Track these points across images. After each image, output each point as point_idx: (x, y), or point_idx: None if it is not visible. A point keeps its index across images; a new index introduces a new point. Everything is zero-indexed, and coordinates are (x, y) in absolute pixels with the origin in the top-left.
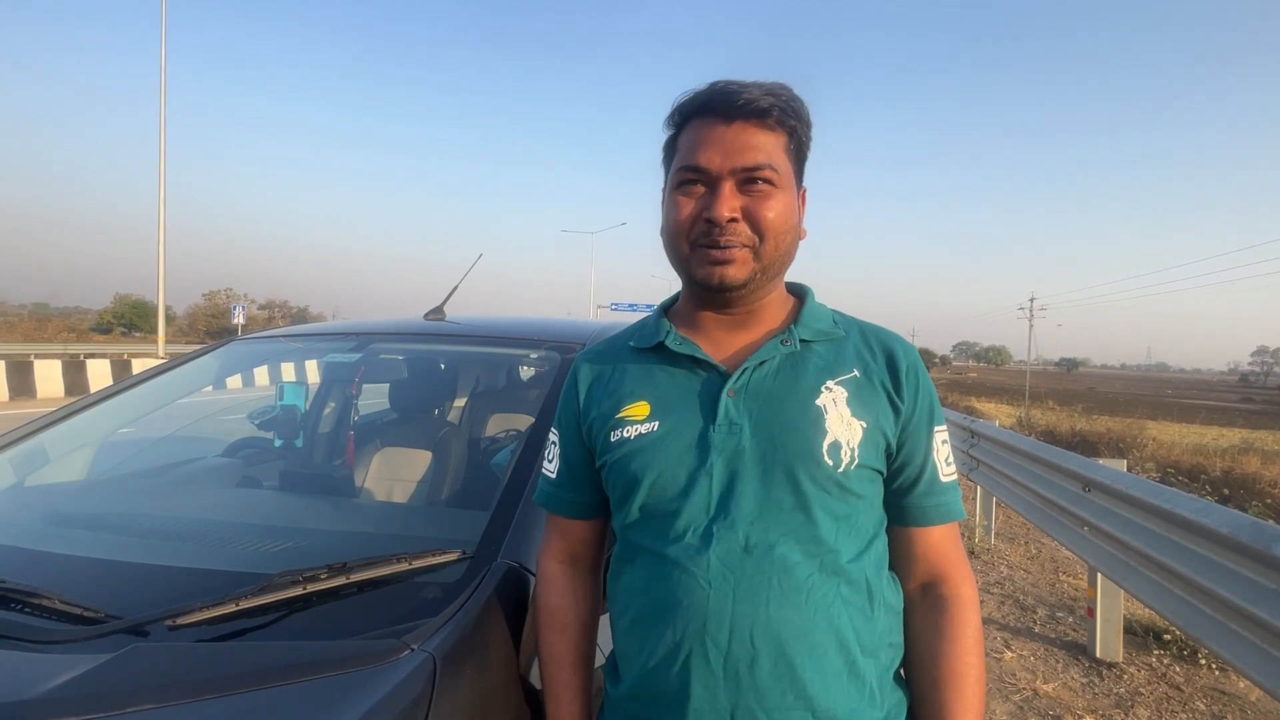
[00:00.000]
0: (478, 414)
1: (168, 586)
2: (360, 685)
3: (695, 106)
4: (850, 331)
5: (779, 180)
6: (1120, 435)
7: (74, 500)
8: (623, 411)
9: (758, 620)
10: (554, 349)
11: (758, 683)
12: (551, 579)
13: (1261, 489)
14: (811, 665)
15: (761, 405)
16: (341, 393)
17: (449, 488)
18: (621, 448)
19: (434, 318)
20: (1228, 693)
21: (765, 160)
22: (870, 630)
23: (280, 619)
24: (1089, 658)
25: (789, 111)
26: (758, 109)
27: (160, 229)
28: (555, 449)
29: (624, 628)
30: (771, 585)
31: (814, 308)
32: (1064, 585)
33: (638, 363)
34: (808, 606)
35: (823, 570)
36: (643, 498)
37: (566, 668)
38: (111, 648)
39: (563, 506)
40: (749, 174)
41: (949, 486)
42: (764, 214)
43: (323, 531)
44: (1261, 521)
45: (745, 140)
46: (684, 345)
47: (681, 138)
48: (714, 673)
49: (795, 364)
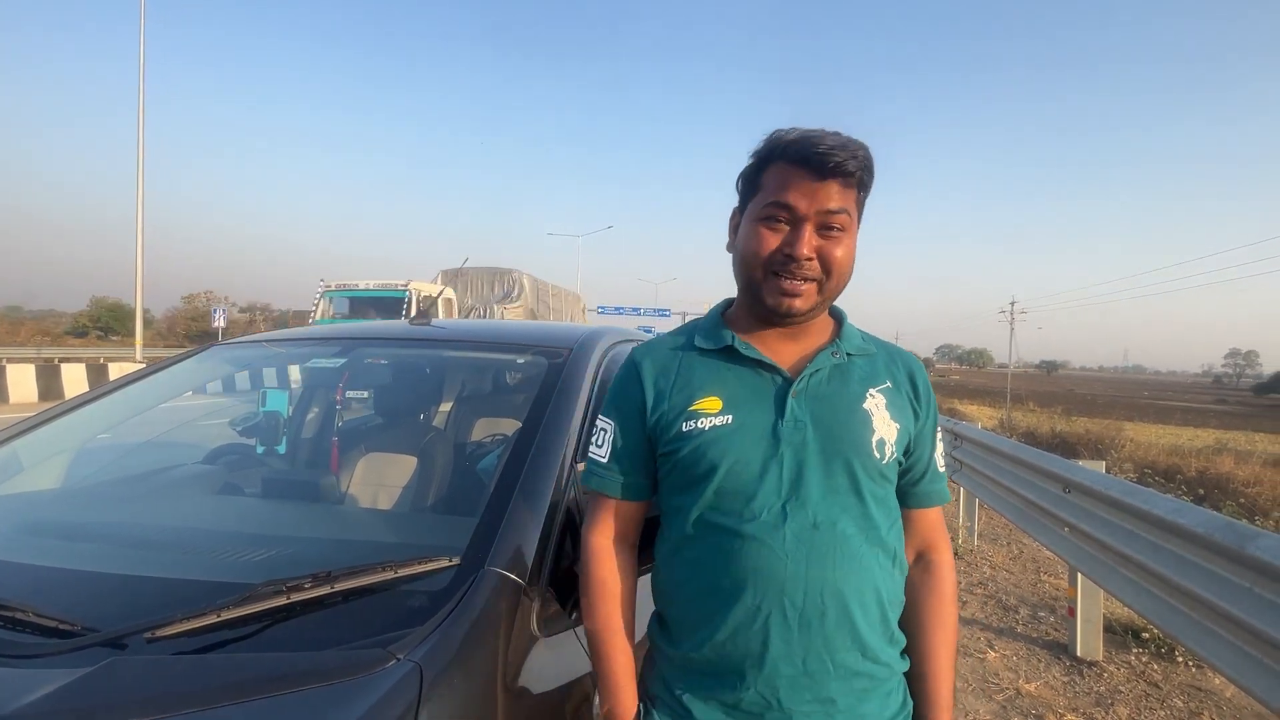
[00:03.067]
0: (464, 419)
1: (147, 597)
2: (346, 696)
3: (790, 156)
4: (879, 350)
5: (849, 225)
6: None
7: (49, 509)
8: (695, 404)
9: (826, 582)
10: (540, 353)
11: (826, 632)
12: (602, 554)
13: (1235, 489)
14: (863, 616)
15: (819, 406)
16: (325, 398)
17: (435, 494)
18: (696, 437)
19: (420, 322)
20: (1204, 689)
21: (842, 208)
22: (894, 588)
23: (263, 629)
24: (1070, 657)
25: (867, 171)
26: (845, 171)
27: (138, 230)
28: (607, 435)
29: (689, 595)
30: (835, 554)
31: (850, 328)
32: (1045, 585)
33: (705, 361)
34: (860, 570)
35: (869, 541)
36: (719, 481)
37: (619, 633)
38: (88, 661)
39: (615, 488)
40: (828, 218)
41: (942, 476)
42: (835, 254)
43: (307, 539)
44: (1236, 521)
45: (830, 193)
46: (751, 350)
47: (769, 175)
48: (790, 627)
49: (843, 373)
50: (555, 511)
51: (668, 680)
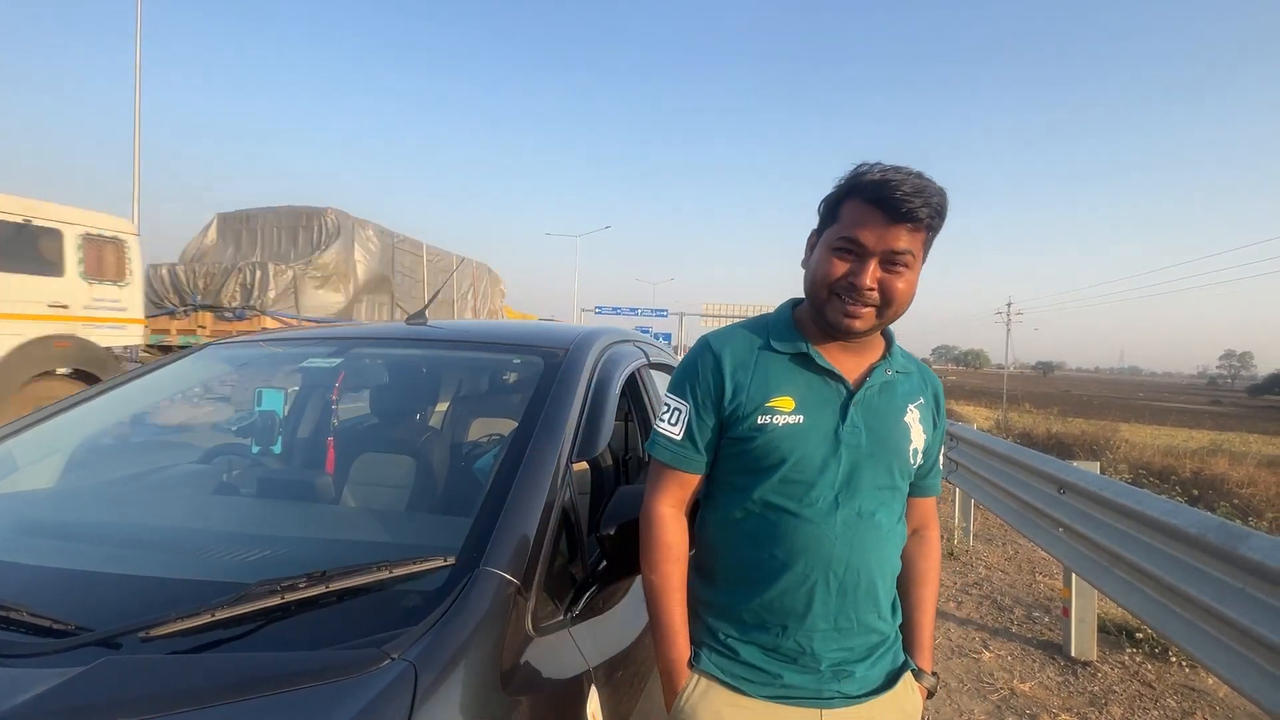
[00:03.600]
0: (460, 419)
1: (141, 597)
2: (340, 696)
3: (868, 195)
4: (916, 370)
5: (913, 263)
6: (1094, 437)
7: (44, 508)
8: (772, 400)
9: (863, 561)
10: (536, 353)
11: (857, 599)
12: (667, 520)
13: (1229, 489)
14: (883, 586)
15: (872, 415)
16: (322, 398)
17: (431, 494)
18: (770, 430)
19: (416, 322)
20: (1197, 689)
21: (908, 249)
22: (898, 560)
23: (258, 629)
24: (1064, 657)
25: (940, 217)
26: (916, 218)
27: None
28: (681, 415)
29: (744, 559)
30: (871, 537)
31: (897, 349)
32: (1040, 586)
33: (781, 363)
34: (885, 550)
35: (894, 531)
36: (785, 471)
37: (679, 589)
38: (82, 661)
39: (684, 462)
40: (894, 256)
41: (940, 472)
42: (896, 287)
43: (302, 539)
44: (1228, 522)
45: (898, 235)
46: (824, 361)
47: (847, 208)
48: (830, 593)
49: (891, 388)
50: (551, 511)
51: (712, 627)
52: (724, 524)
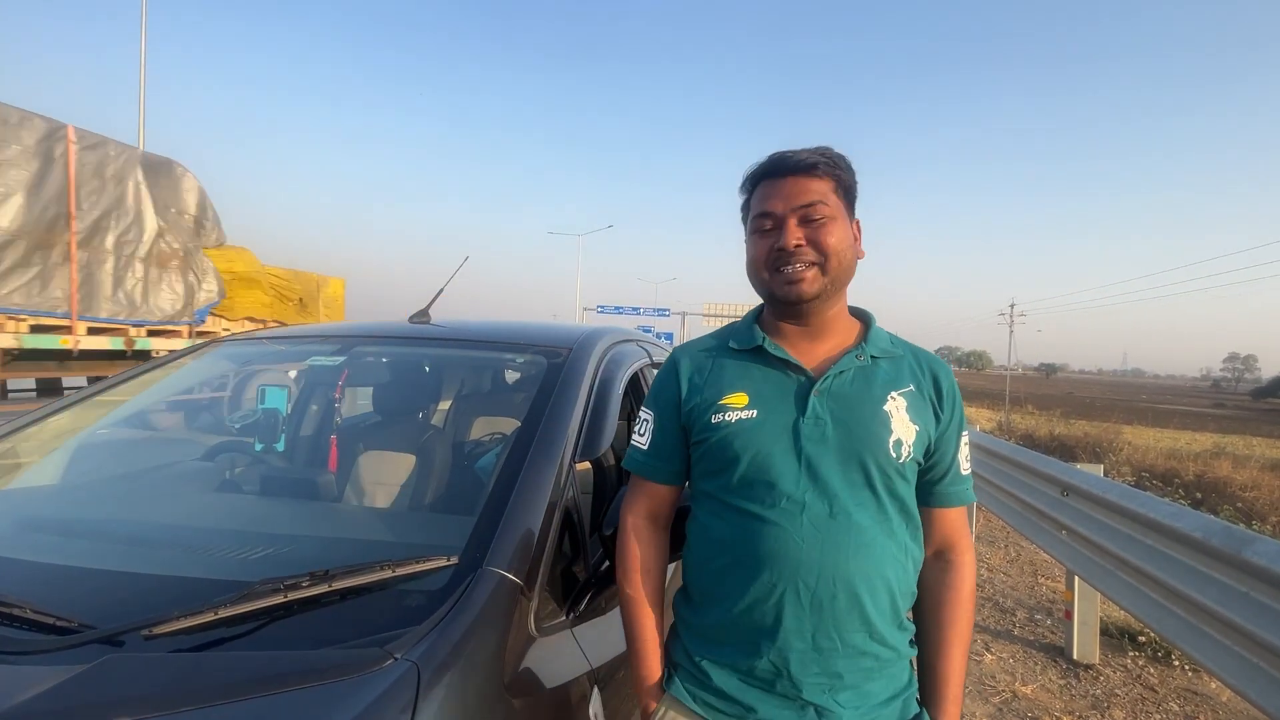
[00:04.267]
0: (462, 417)
1: (144, 595)
2: (342, 695)
3: (760, 173)
4: (905, 352)
5: (831, 212)
6: (1097, 440)
7: (47, 505)
8: (724, 399)
9: (838, 568)
10: (540, 352)
11: (836, 613)
12: (638, 531)
13: (1232, 493)
14: (871, 601)
15: (841, 405)
16: (325, 396)
17: (433, 492)
18: (723, 429)
19: (419, 320)
20: (1200, 693)
21: (817, 198)
22: (906, 580)
23: (261, 628)
24: (1066, 660)
25: (831, 162)
26: (805, 164)
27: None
28: (649, 425)
29: (714, 570)
30: (849, 542)
31: (878, 331)
32: (1042, 588)
33: (736, 360)
34: (871, 559)
35: (882, 534)
36: (743, 470)
37: (647, 604)
38: (85, 659)
39: (653, 473)
40: (806, 210)
41: (966, 478)
42: (824, 239)
43: (304, 537)
44: (1233, 526)
45: (799, 188)
46: (779, 351)
47: (754, 196)
48: (802, 605)
49: (866, 375)
50: (554, 511)
51: (689, 649)
52: (697, 533)
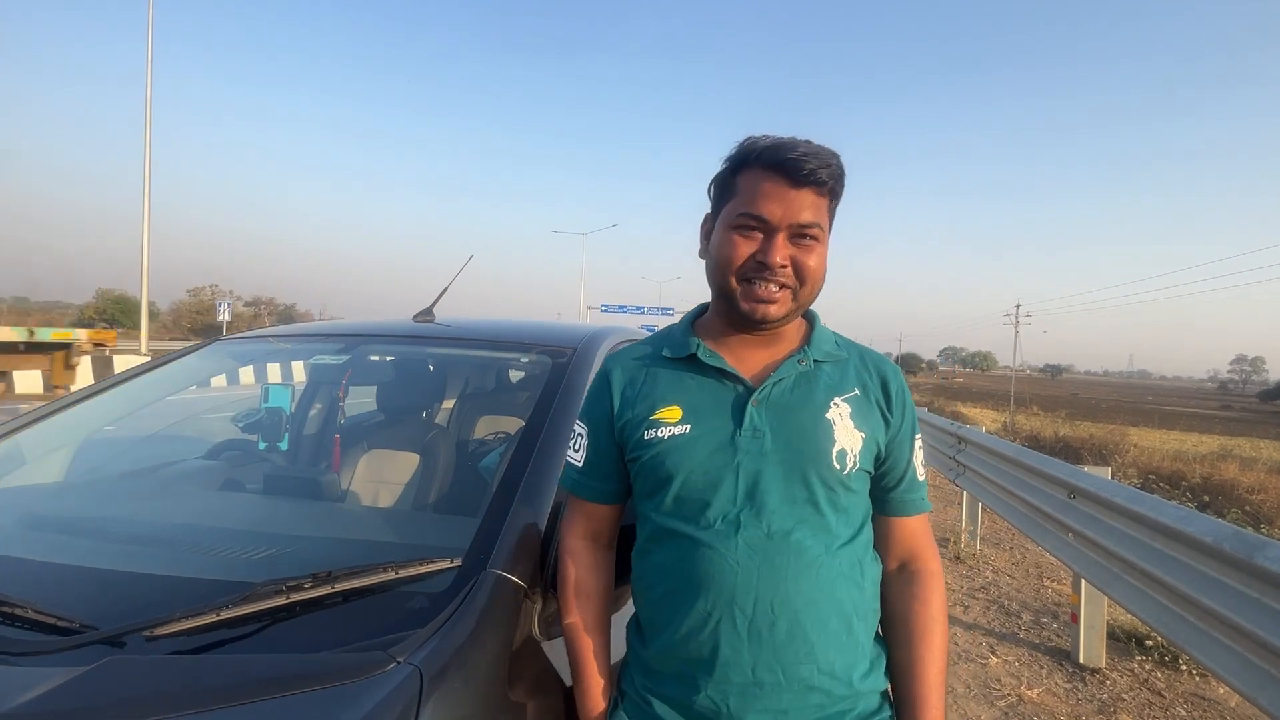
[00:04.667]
0: (466, 417)
1: (146, 595)
2: (344, 700)
3: (765, 162)
4: (851, 354)
5: (822, 236)
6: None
7: (50, 503)
8: (657, 413)
9: (777, 593)
10: (544, 352)
11: (776, 643)
12: (577, 553)
13: (1239, 495)
14: (818, 628)
15: (780, 416)
16: (328, 395)
17: (437, 492)
18: (656, 445)
19: (423, 319)
20: (1208, 698)
21: (816, 220)
22: (861, 599)
23: (263, 629)
24: (1072, 663)
25: (840, 181)
26: (819, 180)
27: (145, 223)
28: (583, 441)
29: (655, 598)
30: (789, 564)
31: (821, 332)
32: (1048, 591)
33: (670, 370)
34: (816, 581)
35: (827, 552)
36: (676, 489)
37: (590, 631)
38: (86, 660)
39: (588, 492)
40: (802, 230)
41: (922, 484)
42: (808, 263)
43: (307, 538)
44: (1244, 530)
45: (803, 202)
46: (714, 359)
47: (743, 181)
48: (739, 635)
49: (808, 381)
50: (558, 513)
51: (635, 679)
52: (639, 559)
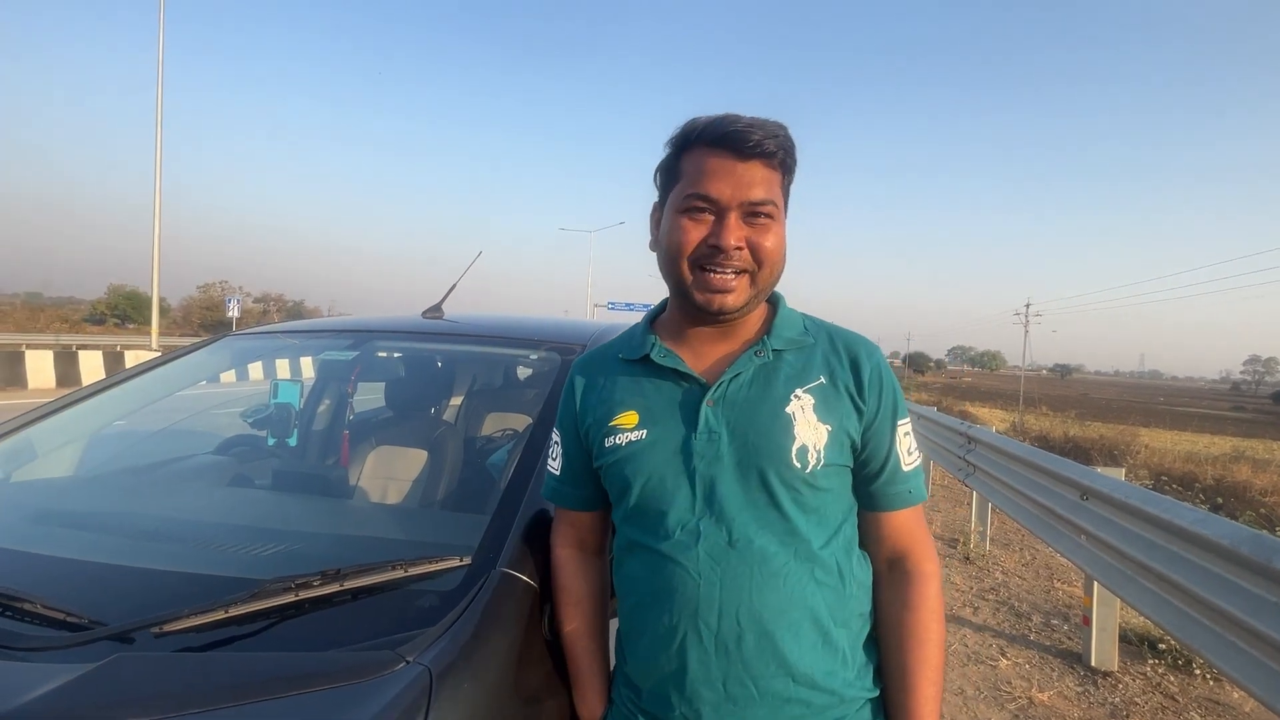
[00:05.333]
0: (474, 413)
1: (155, 591)
2: (352, 700)
3: (708, 138)
4: (819, 338)
5: (777, 214)
6: (1113, 442)
7: (60, 498)
8: (614, 420)
9: (742, 604)
10: (553, 349)
11: (744, 656)
12: (564, 562)
13: (1252, 497)
14: (789, 638)
15: (737, 414)
16: (337, 391)
17: (445, 490)
18: (615, 454)
19: (432, 316)
20: (1222, 703)
21: (769, 197)
22: (842, 604)
23: (271, 627)
24: (1084, 666)
25: (790, 153)
26: (767, 151)
27: (156, 219)
28: (558, 449)
29: (626, 611)
30: (753, 573)
31: (786, 316)
32: (1058, 592)
33: (627, 373)
34: (784, 589)
35: (797, 557)
36: (635, 499)
37: (584, 637)
38: (95, 656)
39: (568, 500)
40: (754, 208)
41: (911, 474)
42: (764, 244)
43: (316, 535)
44: (1261, 533)
45: (753, 177)
46: (668, 358)
47: (687, 163)
48: (706, 650)
49: (768, 374)
50: None
51: (621, 690)
52: (614, 568)
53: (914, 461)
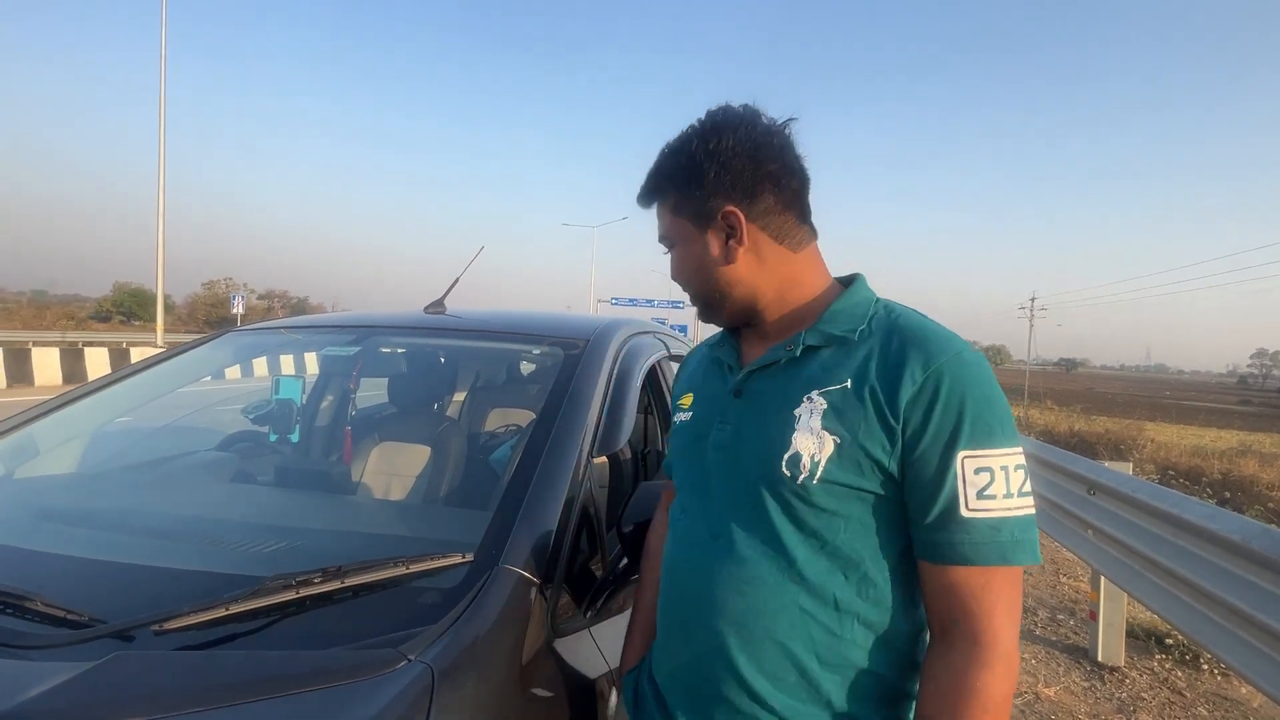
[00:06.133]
0: (478, 409)
1: (155, 588)
2: (353, 699)
3: None
4: (875, 335)
5: (679, 239)
6: (1119, 436)
7: (61, 495)
8: (681, 399)
9: (706, 595)
10: (556, 344)
11: (697, 648)
12: (656, 524)
13: (1259, 491)
14: (745, 652)
15: (752, 409)
16: (339, 386)
17: (448, 485)
18: (673, 430)
19: (434, 311)
20: (1230, 698)
21: (665, 232)
22: (834, 647)
23: (271, 624)
24: (1090, 661)
25: (663, 179)
26: (644, 198)
27: (159, 216)
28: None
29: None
30: (722, 571)
31: (843, 308)
32: (1064, 587)
33: (705, 359)
34: (751, 600)
35: (779, 573)
36: (674, 475)
37: (646, 589)
38: (94, 654)
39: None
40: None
41: (976, 524)
42: (674, 274)
43: (318, 531)
44: (1271, 528)
45: (660, 221)
46: (718, 348)
47: None
48: (673, 629)
49: (794, 370)
50: (571, 507)
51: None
52: None
53: (989, 510)
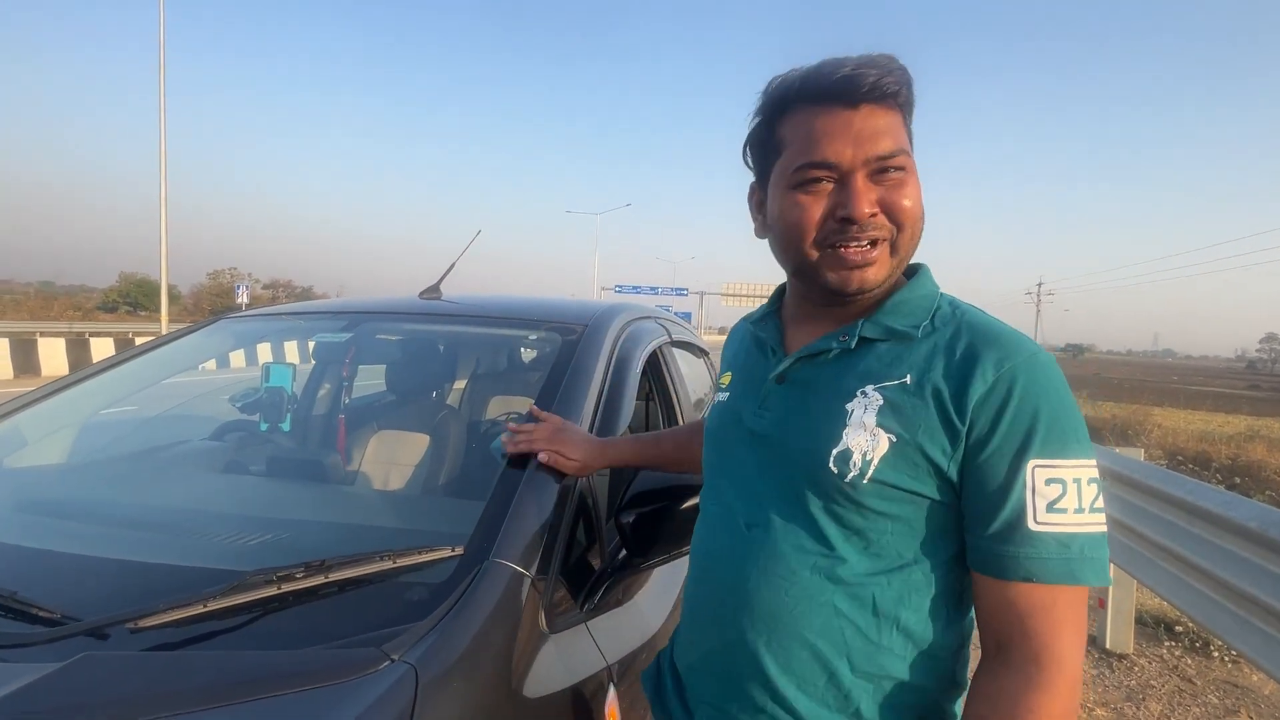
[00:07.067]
0: (473, 397)
1: (134, 584)
2: (332, 701)
3: (810, 94)
4: (943, 330)
5: (910, 165)
6: (1126, 421)
7: (43, 487)
8: (722, 377)
9: (736, 586)
10: (554, 329)
11: (726, 636)
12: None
13: (1268, 476)
14: (772, 650)
15: (797, 398)
16: (333, 374)
17: (444, 475)
18: (712, 408)
19: (429, 296)
20: (1240, 686)
21: (898, 146)
22: (870, 654)
23: (251, 621)
24: (1099, 649)
25: (910, 89)
26: (886, 92)
27: (162, 206)
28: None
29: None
30: (756, 563)
31: (906, 299)
32: None
33: (747, 336)
34: (783, 596)
35: (815, 571)
36: (706, 455)
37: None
38: (65, 654)
39: None
40: (883, 163)
41: (1043, 538)
42: (902, 204)
43: (303, 523)
44: None
45: (874, 126)
46: (762, 328)
47: (788, 128)
48: (699, 618)
49: (848, 361)
50: (567, 497)
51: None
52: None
53: (1059, 524)
